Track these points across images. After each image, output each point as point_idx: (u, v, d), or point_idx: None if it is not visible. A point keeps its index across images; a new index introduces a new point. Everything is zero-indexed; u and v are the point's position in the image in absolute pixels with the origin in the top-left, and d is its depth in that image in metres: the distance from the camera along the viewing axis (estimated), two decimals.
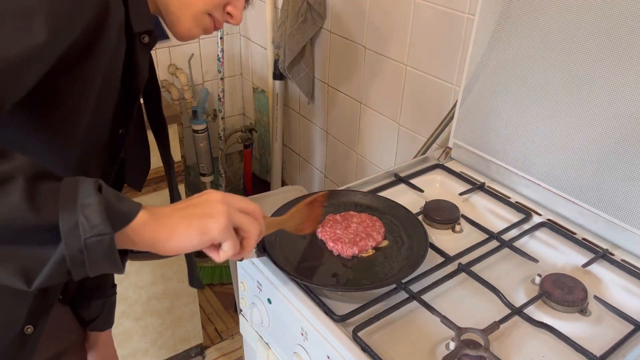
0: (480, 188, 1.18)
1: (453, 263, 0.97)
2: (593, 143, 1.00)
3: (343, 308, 0.87)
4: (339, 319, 0.84)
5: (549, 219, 1.09)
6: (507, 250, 1.02)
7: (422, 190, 1.17)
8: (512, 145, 1.15)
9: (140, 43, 0.77)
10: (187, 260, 1.04)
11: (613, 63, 0.94)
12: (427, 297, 0.90)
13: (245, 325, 1.09)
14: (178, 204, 0.65)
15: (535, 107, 1.08)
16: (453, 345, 0.80)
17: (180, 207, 0.64)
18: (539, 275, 0.94)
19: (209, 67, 2.34)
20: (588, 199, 1.03)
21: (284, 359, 0.97)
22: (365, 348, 0.79)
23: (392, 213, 1.06)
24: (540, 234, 1.07)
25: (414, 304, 0.89)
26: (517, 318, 0.87)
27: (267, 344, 1.03)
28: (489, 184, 1.20)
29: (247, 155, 2.45)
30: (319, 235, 1.00)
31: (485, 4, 1.13)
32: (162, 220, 0.61)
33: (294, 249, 0.97)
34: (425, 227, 1.01)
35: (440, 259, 0.97)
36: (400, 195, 1.16)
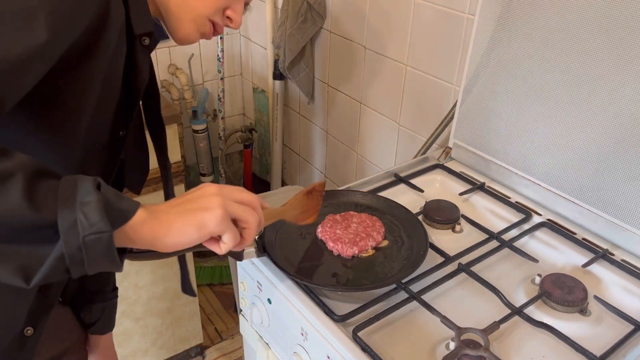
0: (480, 188, 1.18)
1: (453, 263, 0.97)
2: (593, 143, 1.00)
3: (343, 308, 0.87)
4: (339, 319, 0.84)
5: (549, 219, 1.09)
6: (507, 250, 1.02)
7: (422, 190, 1.17)
8: (512, 145, 1.15)
9: (141, 45, 0.77)
10: (180, 267, 1.04)
11: (613, 63, 0.94)
12: (427, 297, 0.90)
13: (245, 325, 1.09)
14: (174, 200, 0.65)
15: (535, 107, 1.08)
16: (453, 345, 0.80)
17: (177, 203, 0.64)
18: (539, 275, 0.94)
19: (209, 67, 2.34)
20: (588, 199, 1.03)
21: (284, 359, 0.97)
22: (365, 348, 0.80)
23: (392, 213, 1.06)
24: (540, 234, 1.07)
25: (414, 304, 0.89)
26: (517, 318, 0.87)
27: (267, 344, 1.03)
28: (489, 184, 1.20)
29: (247, 155, 2.45)
30: (319, 235, 1.00)
31: (485, 4, 1.13)
32: (159, 218, 0.61)
33: (294, 249, 0.97)
34: (425, 227, 1.01)
35: (440, 259, 0.97)
36: (400, 195, 1.16)
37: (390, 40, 1.57)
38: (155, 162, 0.96)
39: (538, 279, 0.94)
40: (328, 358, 0.83)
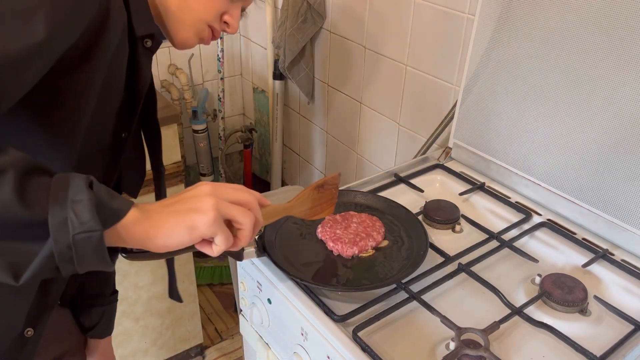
0: (480, 188, 1.18)
1: (453, 263, 0.97)
2: (593, 143, 1.00)
3: (343, 308, 0.87)
4: (339, 319, 0.84)
5: (549, 219, 1.09)
6: (507, 250, 1.02)
7: (422, 190, 1.17)
8: (512, 145, 1.15)
9: (143, 47, 0.78)
10: (168, 272, 1.03)
11: (613, 63, 0.94)
12: (427, 297, 0.90)
13: (245, 325, 1.09)
14: (167, 200, 0.64)
15: (535, 107, 1.08)
16: (453, 345, 0.80)
17: (169, 203, 0.63)
18: (539, 275, 0.94)
19: (209, 67, 2.34)
20: (588, 199, 1.03)
21: (284, 359, 0.97)
22: (365, 348, 0.79)
23: (392, 213, 1.06)
24: (540, 234, 1.07)
25: (414, 304, 0.89)
26: (517, 318, 0.87)
27: (267, 344, 1.03)
28: (489, 184, 1.20)
29: (247, 155, 2.45)
30: (319, 235, 1.00)
31: (485, 4, 1.13)
32: (152, 217, 0.61)
33: (294, 249, 0.97)
34: (425, 227, 1.01)
35: (440, 259, 0.97)
36: (400, 195, 1.16)
37: (390, 40, 1.57)
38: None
39: (538, 279, 0.94)
40: (328, 358, 0.83)
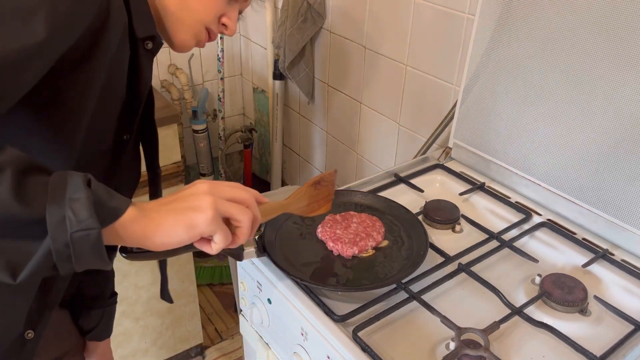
0: (480, 188, 1.18)
1: (453, 263, 0.97)
2: (593, 143, 1.00)
3: (343, 308, 0.87)
4: (339, 319, 0.84)
5: (549, 219, 1.09)
6: (507, 250, 1.02)
7: (422, 190, 1.17)
8: (512, 145, 1.15)
9: (144, 49, 0.78)
10: (160, 273, 1.03)
11: (613, 63, 0.94)
12: (427, 297, 0.90)
13: (245, 325, 1.09)
14: (165, 198, 0.64)
15: (535, 107, 1.08)
16: (453, 345, 0.80)
17: (167, 201, 0.63)
18: (539, 275, 0.94)
19: (209, 67, 2.34)
20: (588, 199, 1.03)
21: (284, 359, 0.97)
22: (365, 348, 0.79)
23: (392, 213, 1.06)
24: (540, 234, 1.07)
25: (414, 304, 0.89)
26: (517, 318, 0.87)
27: (267, 344, 1.03)
28: (489, 184, 1.20)
29: (247, 155, 2.45)
30: (319, 235, 1.00)
31: (485, 4, 1.13)
32: (150, 216, 0.61)
33: (294, 249, 0.97)
34: (425, 227, 1.01)
35: (440, 259, 0.97)
36: (400, 195, 1.16)
37: (390, 40, 1.57)
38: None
39: (538, 279, 0.94)
40: (328, 358, 0.83)
